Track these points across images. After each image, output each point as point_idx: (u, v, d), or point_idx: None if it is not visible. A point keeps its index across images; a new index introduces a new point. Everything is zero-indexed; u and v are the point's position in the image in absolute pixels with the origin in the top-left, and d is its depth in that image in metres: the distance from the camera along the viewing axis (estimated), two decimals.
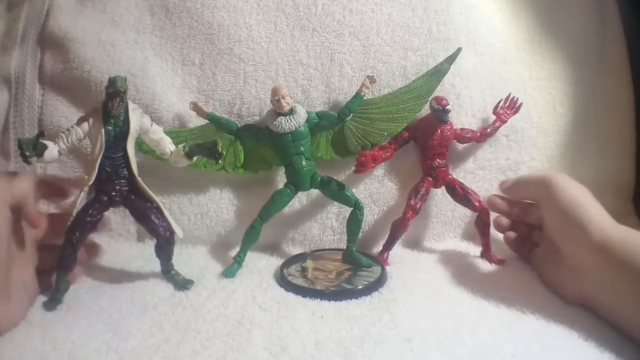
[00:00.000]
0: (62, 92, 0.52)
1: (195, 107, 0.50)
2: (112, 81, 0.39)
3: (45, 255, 0.42)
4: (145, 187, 0.42)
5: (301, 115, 0.49)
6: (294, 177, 0.50)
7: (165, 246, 0.43)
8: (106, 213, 0.43)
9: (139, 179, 0.42)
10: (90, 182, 0.40)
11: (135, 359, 0.33)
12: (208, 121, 0.50)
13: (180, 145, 0.43)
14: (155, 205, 0.43)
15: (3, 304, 0.36)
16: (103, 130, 0.40)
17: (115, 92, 0.39)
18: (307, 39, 0.53)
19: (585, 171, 0.60)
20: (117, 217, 0.52)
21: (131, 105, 0.41)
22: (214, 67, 0.52)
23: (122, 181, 0.42)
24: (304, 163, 0.49)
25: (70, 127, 0.40)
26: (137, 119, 0.41)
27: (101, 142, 0.40)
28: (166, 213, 0.43)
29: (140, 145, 0.46)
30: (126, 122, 0.40)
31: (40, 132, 0.39)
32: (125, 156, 0.41)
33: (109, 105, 0.39)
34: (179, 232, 0.43)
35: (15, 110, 0.52)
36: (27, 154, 0.37)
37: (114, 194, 0.42)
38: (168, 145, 0.43)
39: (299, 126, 0.49)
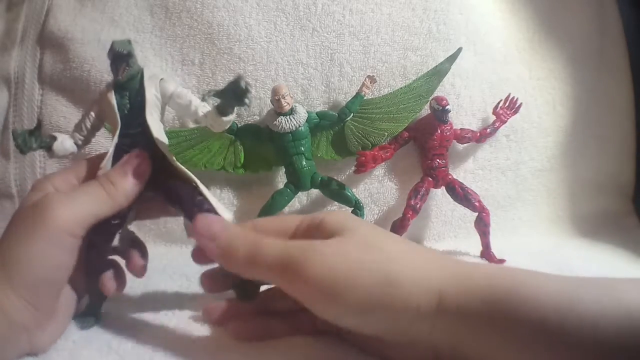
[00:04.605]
0: (62, 92, 0.52)
1: None
2: (110, 46, 0.33)
3: None
4: (180, 166, 0.35)
5: (301, 115, 0.49)
6: (294, 177, 0.50)
7: None
8: None
9: (172, 157, 0.35)
10: (104, 166, 0.34)
11: (136, 358, 0.33)
12: None
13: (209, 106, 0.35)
14: (191, 183, 0.35)
15: (49, 325, 0.32)
16: (114, 101, 0.33)
17: (117, 56, 0.33)
18: (307, 38, 0.53)
19: (585, 171, 0.60)
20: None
21: (148, 72, 0.35)
22: (213, 67, 0.52)
23: None
24: (304, 163, 0.49)
25: (82, 114, 0.35)
26: (154, 85, 0.34)
27: (115, 117, 0.33)
28: (206, 192, 0.35)
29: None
30: (141, 90, 0.34)
31: (39, 122, 0.34)
32: (145, 132, 0.34)
33: (115, 73, 0.33)
34: (226, 214, 0.34)
35: (15, 110, 0.52)
36: (19, 142, 0.33)
37: None
38: (200, 109, 0.35)
39: (299, 126, 0.49)
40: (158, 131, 0.34)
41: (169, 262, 0.48)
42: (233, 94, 0.32)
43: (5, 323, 0.29)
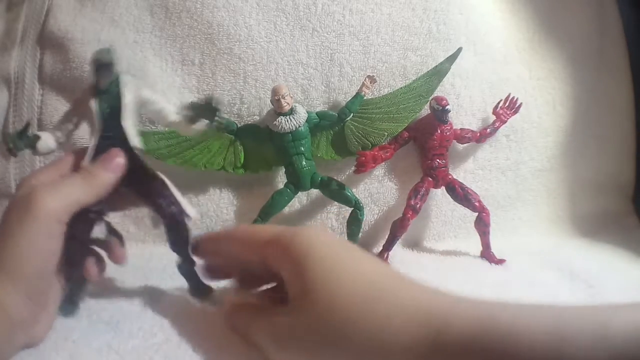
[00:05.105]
0: (62, 92, 0.52)
1: None
2: (94, 56, 0.36)
3: None
4: (151, 167, 0.38)
5: (301, 115, 0.49)
6: (294, 177, 0.50)
7: (172, 226, 0.39)
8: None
9: (145, 158, 0.38)
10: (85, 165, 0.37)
11: (136, 358, 0.33)
12: None
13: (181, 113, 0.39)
14: (160, 181, 0.39)
15: (42, 316, 0.34)
16: (95, 106, 0.36)
17: (101, 66, 0.36)
18: (307, 39, 0.53)
19: (585, 171, 0.60)
20: (117, 218, 0.52)
21: (125, 78, 0.37)
22: (213, 67, 0.52)
23: None
24: (304, 163, 0.49)
25: (64, 115, 0.38)
26: (131, 91, 0.37)
27: (94, 120, 0.36)
28: (173, 189, 0.39)
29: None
30: (119, 96, 0.37)
31: (27, 124, 0.37)
32: (121, 135, 0.37)
33: (96, 80, 0.36)
34: (191, 211, 0.39)
35: (15, 110, 0.52)
36: (11, 146, 0.36)
37: None
38: (171, 116, 0.39)
39: (299, 126, 0.49)
40: (133, 134, 0.37)
41: (169, 262, 0.48)
42: (204, 110, 0.37)
43: (5, 323, 0.30)
